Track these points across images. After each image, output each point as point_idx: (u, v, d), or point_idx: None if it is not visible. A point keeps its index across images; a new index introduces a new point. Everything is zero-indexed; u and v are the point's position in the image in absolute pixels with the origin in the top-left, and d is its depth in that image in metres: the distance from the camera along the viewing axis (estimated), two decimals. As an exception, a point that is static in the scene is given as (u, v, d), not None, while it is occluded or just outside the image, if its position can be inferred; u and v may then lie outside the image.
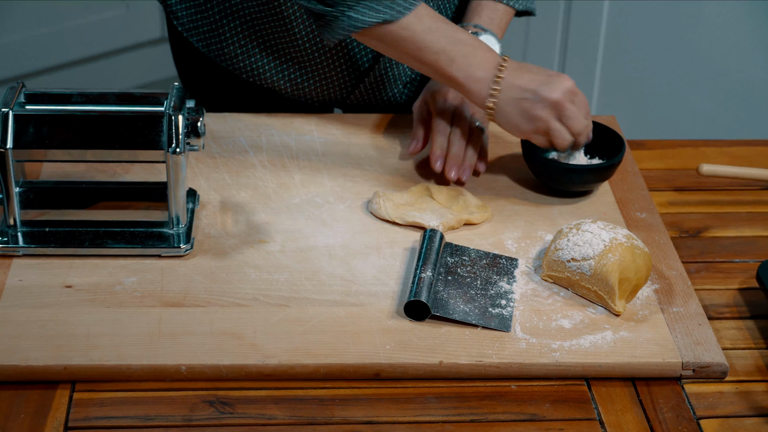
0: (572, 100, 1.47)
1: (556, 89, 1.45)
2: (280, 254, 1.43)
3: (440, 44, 1.47)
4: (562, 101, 1.45)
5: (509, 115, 1.47)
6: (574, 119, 1.47)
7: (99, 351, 1.26)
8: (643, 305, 1.37)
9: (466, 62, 1.47)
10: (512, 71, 1.47)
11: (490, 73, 1.46)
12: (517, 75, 1.46)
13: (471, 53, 1.47)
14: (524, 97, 1.46)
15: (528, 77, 1.46)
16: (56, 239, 1.42)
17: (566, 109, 1.46)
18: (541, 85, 1.45)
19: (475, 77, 1.47)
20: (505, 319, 1.33)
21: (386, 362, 1.27)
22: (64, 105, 1.41)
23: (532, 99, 1.45)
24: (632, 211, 1.55)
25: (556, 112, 1.46)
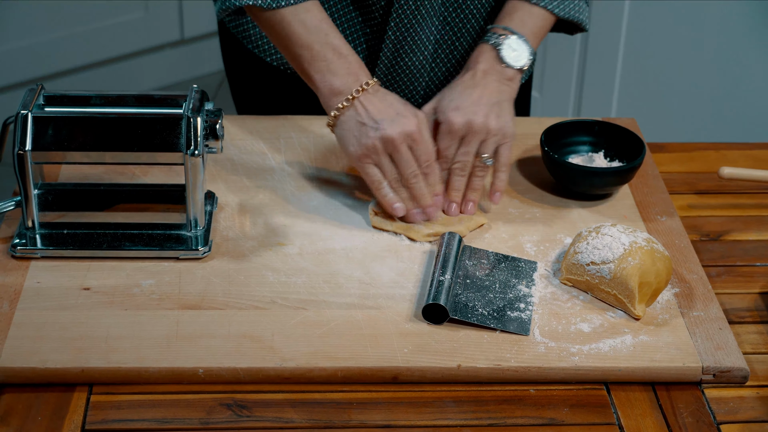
0: (409, 144, 1.46)
1: (395, 126, 1.45)
2: (298, 257, 1.43)
3: (308, 41, 1.48)
4: (395, 140, 1.45)
5: (345, 134, 1.48)
6: (403, 164, 1.46)
7: (116, 353, 1.26)
8: (663, 309, 1.36)
9: (326, 66, 1.48)
10: (369, 95, 1.47)
11: (347, 87, 1.47)
12: (371, 101, 1.47)
13: (335, 60, 1.48)
14: (365, 122, 1.46)
15: (380, 106, 1.47)
16: (74, 241, 1.42)
17: (398, 150, 1.46)
18: (384, 118, 1.46)
19: (331, 84, 1.48)
20: (523, 323, 1.33)
21: (404, 366, 1.26)
22: (82, 107, 1.42)
23: (371, 126, 1.46)
24: (652, 214, 1.54)
25: (387, 149, 1.46)
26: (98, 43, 3.47)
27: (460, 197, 1.51)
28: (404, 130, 1.45)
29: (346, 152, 1.49)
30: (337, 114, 1.47)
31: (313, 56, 1.48)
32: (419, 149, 1.47)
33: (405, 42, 1.62)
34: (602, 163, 1.59)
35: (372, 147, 1.46)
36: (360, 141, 1.46)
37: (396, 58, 1.65)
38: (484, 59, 1.57)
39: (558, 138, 1.60)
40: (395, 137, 1.45)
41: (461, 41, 1.67)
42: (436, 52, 1.67)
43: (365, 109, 1.46)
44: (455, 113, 1.52)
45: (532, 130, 1.70)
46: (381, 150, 1.46)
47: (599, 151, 1.61)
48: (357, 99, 1.47)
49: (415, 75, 1.67)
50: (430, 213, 1.48)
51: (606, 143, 1.62)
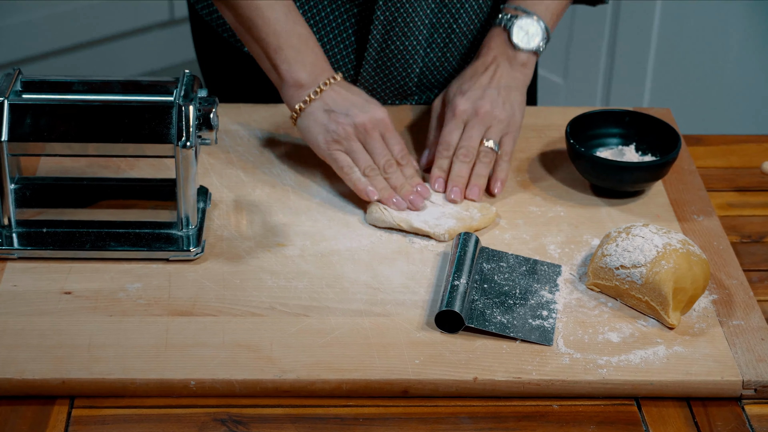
0: (381, 131, 1.52)
1: (366, 113, 1.51)
2: (299, 259, 1.43)
3: (276, 28, 1.52)
4: (366, 125, 1.51)
5: (311, 124, 1.52)
6: (378, 151, 1.52)
7: (100, 363, 1.27)
8: (700, 317, 1.36)
9: (294, 57, 1.52)
10: (336, 87, 1.53)
11: (312, 80, 1.52)
12: (338, 92, 1.52)
13: (304, 51, 1.52)
14: (333, 109, 1.51)
15: (348, 96, 1.52)
16: (54, 241, 1.42)
17: (370, 136, 1.51)
18: (353, 106, 1.51)
19: (296, 77, 1.53)
20: (546, 332, 1.33)
21: (415, 378, 1.27)
22: (64, 94, 1.42)
23: (340, 113, 1.51)
24: (688, 213, 1.54)
25: (359, 135, 1.51)
26: (80, 23, 3.48)
27: (463, 184, 1.53)
28: (375, 117, 1.51)
29: (312, 142, 1.53)
30: (302, 107, 1.52)
31: (280, 44, 1.52)
32: (391, 137, 1.52)
33: (396, 24, 1.63)
34: (633, 158, 1.59)
35: (343, 133, 1.50)
36: (329, 128, 1.51)
37: (386, 41, 1.65)
38: (495, 43, 1.61)
39: (585, 129, 1.61)
40: (367, 123, 1.50)
41: (459, 23, 1.67)
42: (432, 36, 1.68)
43: (333, 99, 1.52)
44: (461, 98, 1.56)
45: (556, 121, 1.70)
46: (352, 136, 1.51)
47: (630, 144, 1.62)
48: (322, 92, 1.52)
49: (408, 61, 1.68)
50: (414, 202, 1.50)
51: (638, 135, 1.62)
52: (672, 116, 1.74)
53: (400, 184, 1.51)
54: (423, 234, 1.48)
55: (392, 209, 1.49)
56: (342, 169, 1.51)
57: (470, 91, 1.57)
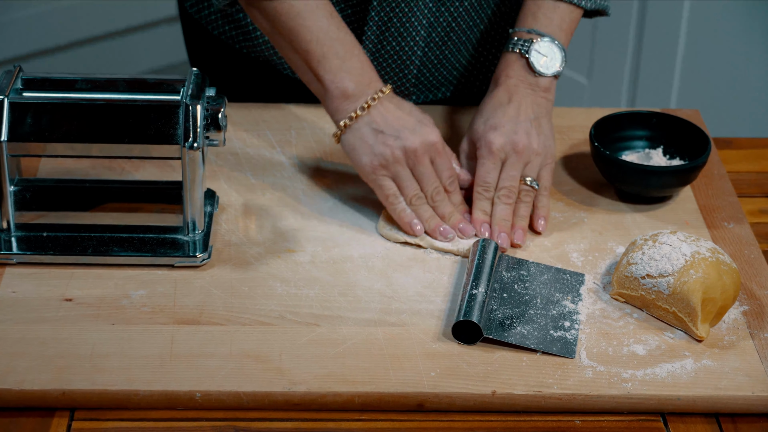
0: (431, 156, 1.48)
1: (417, 136, 1.47)
2: (310, 265, 1.43)
3: (320, 36, 1.47)
4: (417, 150, 1.47)
5: (358, 143, 1.48)
6: (426, 178, 1.48)
7: (102, 374, 1.27)
8: (730, 330, 1.36)
9: (339, 65, 1.48)
10: (385, 102, 1.48)
11: (360, 91, 1.48)
12: (388, 109, 1.48)
13: (349, 59, 1.48)
14: (382, 130, 1.47)
15: (398, 114, 1.48)
16: (55, 245, 1.43)
17: (420, 162, 1.47)
18: (405, 127, 1.47)
19: (342, 86, 1.48)
20: (568, 344, 1.33)
21: (431, 391, 1.27)
22: (66, 92, 1.42)
23: (390, 135, 1.47)
24: (718, 220, 1.54)
25: (409, 161, 1.47)
26: (84, 18, 3.49)
27: (508, 227, 1.50)
28: (427, 141, 1.47)
29: (357, 163, 1.49)
30: (347, 123, 1.48)
31: (324, 53, 1.48)
32: (442, 163, 1.49)
33: (392, 24, 1.62)
34: (660, 161, 1.58)
35: (391, 157, 1.46)
36: (375, 150, 1.47)
37: (382, 42, 1.65)
38: (513, 71, 1.57)
39: (610, 132, 1.60)
40: (418, 148, 1.46)
41: (458, 21, 1.67)
42: (430, 35, 1.67)
43: (383, 116, 1.47)
44: (494, 133, 1.52)
45: (579, 122, 1.70)
46: (402, 161, 1.47)
47: (657, 147, 1.61)
48: (371, 107, 1.47)
49: (405, 62, 1.67)
50: (465, 230, 1.48)
51: (665, 138, 1.62)
52: (701, 118, 1.73)
53: (449, 213, 1.49)
54: (445, 251, 1.47)
55: (438, 240, 1.47)
56: (387, 198, 1.48)
57: (502, 126, 1.52)
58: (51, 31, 3.45)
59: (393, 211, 1.48)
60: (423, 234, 1.48)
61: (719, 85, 2.90)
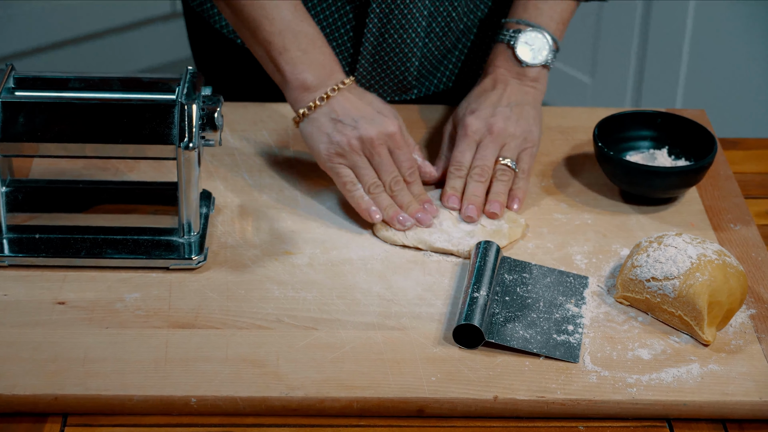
0: (389, 147, 1.50)
1: (374, 126, 1.49)
2: (308, 268, 1.43)
3: (281, 27, 1.50)
4: (374, 140, 1.49)
5: (314, 132, 1.51)
6: (384, 168, 1.50)
7: (96, 379, 1.27)
8: (737, 334, 1.36)
9: (299, 57, 1.51)
10: (345, 93, 1.51)
11: (319, 82, 1.51)
12: (347, 99, 1.51)
13: (311, 52, 1.51)
14: (340, 119, 1.50)
15: (358, 104, 1.51)
16: (48, 247, 1.43)
17: (376, 152, 1.49)
18: (363, 116, 1.49)
19: (301, 78, 1.51)
20: (572, 348, 1.33)
21: (431, 397, 1.26)
22: (59, 91, 1.42)
23: (347, 124, 1.49)
24: (724, 222, 1.54)
25: (365, 150, 1.49)
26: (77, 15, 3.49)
27: (479, 203, 1.52)
28: (385, 131, 1.49)
29: (314, 151, 1.52)
30: (306, 112, 1.51)
31: (285, 45, 1.51)
32: (401, 154, 1.51)
33: (393, 17, 1.63)
34: (666, 162, 1.58)
35: (347, 146, 1.49)
36: (332, 139, 1.49)
37: (383, 34, 1.65)
38: (500, 61, 1.62)
39: (614, 132, 1.60)
40: (374, 137, 1.49)
41: (458, 10, 1.68)
42: (430, 26, 1.68)
43: (342, 106, 1.50)
44: (471, 117, 1.56)
45: (583, 122, 1.70)
46: (358, 150, 1.49)
47: (662, 148, 1.61)
48: (331, 98, 1.50)
49: (406, 53, 1.68)
50: (422, 219, 1.49)
51: (670, 138, 1.61)
52: (707, 118, 1.73)
53: (407, 202, 1.50)
54: (445, 253, 1.47)
55: (397, 228, 1.48)
56: (345, 185, 1.50)
57: (480, 110, 1.57)
58: (43, 29, 3.45)
59: (351, 198, 1.50)
60: (381, 221, 1.49)
61: (725, 84, 2.90)
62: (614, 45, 3.13)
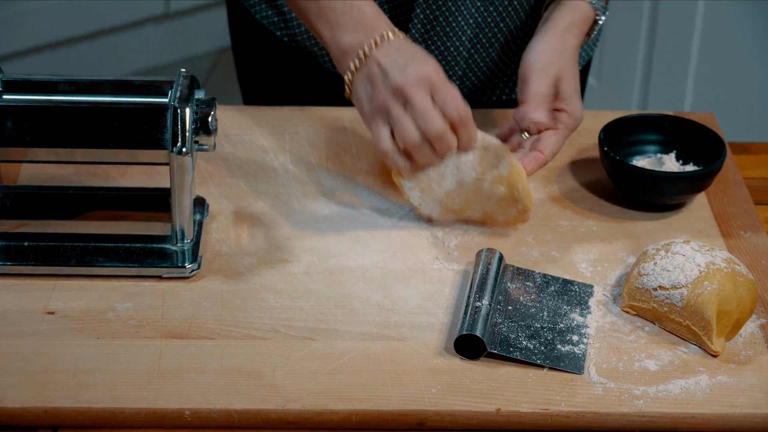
0: (425, 88, 1.42)
1: (406, 73, 1.41)
2: (305, 276, 1.43)
3: None
4: (405, 87, 1.41)
5: (358, 94, 1.45)
6: (421, 112, 1.41)
7: (87, 391, 1.27)
8: (747, 344, 1.36)
9: (335, 19, 1.46)
10: (384, 48, 1.44)
11: (358, 41, 1.45)
12: (385, 52, 1.43)
13: (348, 11, 1.45)
14: (375, 74, 1.43)
15: (393, 56, 1.43)
16: (37, 255, 1.43)
17: (411, 97, 1.41)
18: (394, 66, 1.42)
19: (339, 41, 1.46)
20: (577, 359, 1.33)
21: (432, 409, 1.27)
22: (49, 94, 1.42)
23: (380, 78, 1.43)
24: (734, 228, 1.54)
25: (400, 99, 1.42)
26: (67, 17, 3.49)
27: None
28: (419, 73, 1.42)
29: (363, 116, 1.47)
30: (350, 78, 1.46)
31: (320, 9, 1.47)
32: (443, 94, 1.42)
33: (437, 23, 1.63)
34: (673, 167, 1.58)
35: (381, 100, 1.43)
36: (371, 98, 1.44)
37: (426, 41, 1.65)
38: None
39: (620, 136, 1.61)
40: (405, 84, 1.41)
41: (506, 21, 1.67)
42: (477, 36, 1.67)
43: (378, 62, 1.43)
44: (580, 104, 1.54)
45: (588, 126, 1.70)
46: (392, 102, 1.42)
47: (670, 152, 1.61)
48: (369, 56, 1.44)
49: (450, 63, 1.68)
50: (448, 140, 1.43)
51: (678, 143, 1.62)
52: (716, 121, 1.73)
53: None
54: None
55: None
56: (377, 144, 1.44)
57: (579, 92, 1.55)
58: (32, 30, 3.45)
59: (384, 158, 1.46)
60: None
61: (735, 86, 2.90)
62: (621, 46, 3.13)
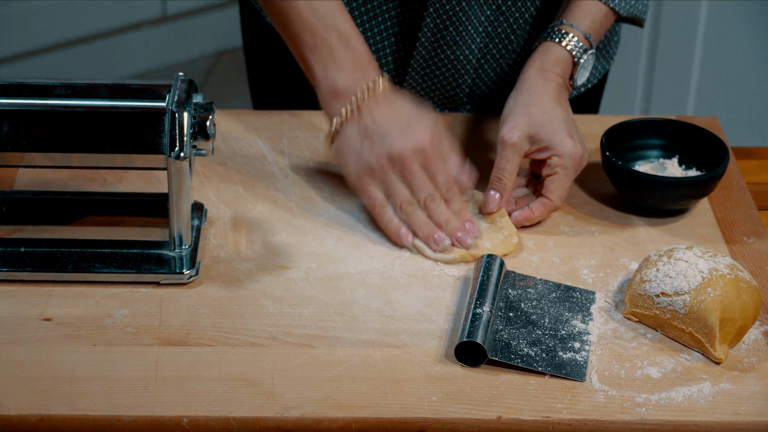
0: (421, 162, 1.46)
1: (404, 140, 1.45)
2: (304, 283, 1.44)
3: (313, 23, 1.47)
4: (404, 156, 1.45)
5: (344, 149, 1.48)
6: (417, 184, 1.46)
7: (84, 398, 1.27)
8: (750, 351, 1.36)
9: (330, 56, 1.47)
10: (377, 99, 1.47)
11: (350, 85, 1.47)
12: (378, 106, 1.46)
13: (342, 49, 1.47)
14: (369, 135, 1.46)
15: (388, 115, 1.46)
16: (33, 261, 1.43)
17: (407, 168, 1.45)
18: (391, 129, 1.45)
19: (333, 80, 1.48)
20: (578, 366, 1.33)
21: (432, 417, 1.27)
22: (45, 98, 1.42)
23: (376, 140, 1.46)
24: (737, 234, 1.54)
25: (396, 167, 1.46)
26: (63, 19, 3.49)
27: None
28: (415, 145, 1.46)
29: (344, 171, 1.50)
30: (338, 125, 1.48)
31: (315, 42, 1.48)
32: (435, 169, 1.47)
33: (447, 31, 1.63)
34: (676, 172, 1.59)
35: (376, 164, 1.46)
36: (361, 157, 1.47)
37: (435, 49, 1.65)
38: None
39: (622, 140, 1.61)
40: (404, 153, 1.45)
41: (517, 33, 1.68)
42: (487, 46, 1.68)
43: (371, 116, 1.47)
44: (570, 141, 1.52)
45: (590, 130, 1.70)
46: (387, 168, 1.46)
47: (672, 157, 1.62)
48: (362, 107, 1.47)
49: (459, 71, 1.68)
50: (462, 239, 1.48)
51: (681, 147, 1.62)
52: (719, 126, 1.74)
53: (445, 219, 1.48)
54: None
55: (432, 249, 1.47)
56: (373, 208, 1.48)
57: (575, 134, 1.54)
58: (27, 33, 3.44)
59: (380, 221, 1.49)
60: (412, 243, 1.48)
61: (739, 90, 2.90)
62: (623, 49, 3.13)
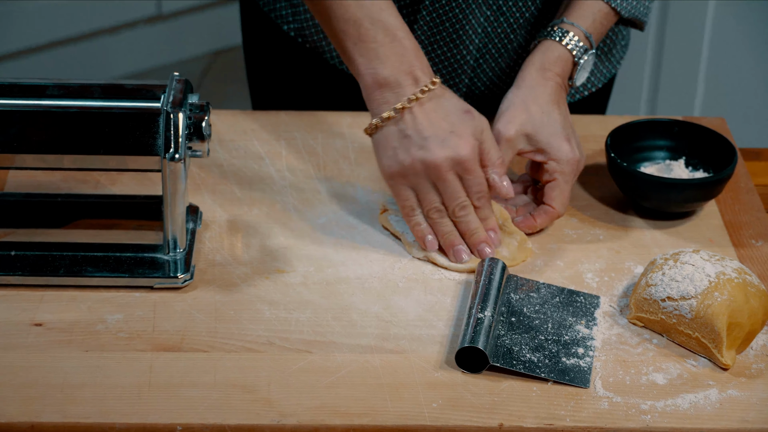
0: (457, 171, 1.45)
1: (443, 150, 1.44)
2: (301, 287, 1.44)
3: (357, 15, 1.46)
4: (440, 166, 1.44)
5: (383, 142, 1.47)
6: (449, 194, 1.46)
7: (76, 405, 1.27)
8: (758, 357, 1.36)
9: (375, 49, 1.46)
10: (426, 103, 1.46)
11: (396, 78, 1.46)
12: (423, 110, 1.45)
13: (387, 43, 1.46)
14: (409, 134, 1.45)
15: (432, 118, 1.45)
16: (24, 265, 1.43)
17: (442, 178, 1.45)
18: (433, 135, 1.45)
19: (376, 72, 1.46)
20: (582, 372, 1.33)
21: (432, 424, 1.27)
22: (36, 99, 1.42)
23: (415, 142, 1.45)
24: (745, 237, 1.54)
25: (431, 175, 1.45)
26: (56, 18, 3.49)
27: None
28: (455, 155, 1.45)
29: (379, 164, 1.49)
30: (379, 123, 1.46)
31: (360, 35, 1.46)
32: (471, 179, 1.46)
33: (443, 29, 1.63)
34: (683, 174, 1.58)
35: (410, 167, 1.45)
36: (397, 156, 1.46)
37: (433, 45, 1.65)
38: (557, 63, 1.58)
39: (628, 141, 1.61)
40: (440, 163, 1.44)
41: (516, 34, 1.67)
42: (486, 46, 1.67)
43: (415, 118, 1.45)
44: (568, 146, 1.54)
45: (594, 131, 1.70)
46: (421, 174, 1.45)
47: (679, 159, 1.62)
48: (410, 108, 1.45)
49: (456, 70, 1.68)
50: (482, 252, 1.48)
51: (688, 149, 1.62)
52: (727, 127, 1.74)
53: (473, 229, 1.47)
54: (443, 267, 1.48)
55: (450, 260, 1.47)
56: (403, 208, 1.48)
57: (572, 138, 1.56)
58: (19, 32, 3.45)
59: (408, 222, 1.49)
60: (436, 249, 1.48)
61: (747, 90, 2.90)
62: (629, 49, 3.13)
